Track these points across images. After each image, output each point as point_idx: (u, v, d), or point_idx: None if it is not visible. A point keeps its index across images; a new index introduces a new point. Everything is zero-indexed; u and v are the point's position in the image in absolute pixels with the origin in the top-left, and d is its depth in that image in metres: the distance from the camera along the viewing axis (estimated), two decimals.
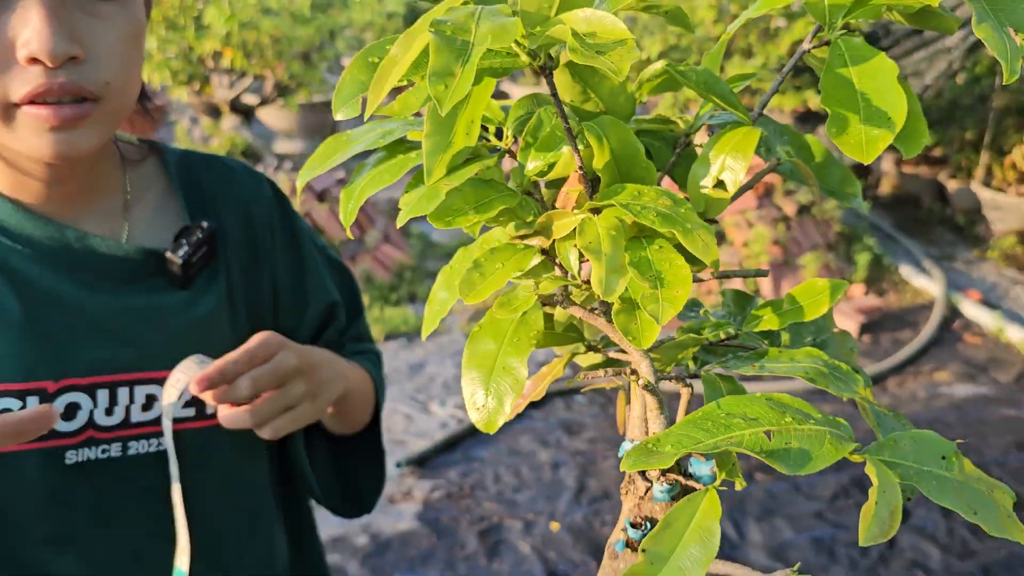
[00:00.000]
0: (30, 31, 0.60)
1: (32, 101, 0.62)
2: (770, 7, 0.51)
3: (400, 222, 0.44)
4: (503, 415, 0.47)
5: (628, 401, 0.54)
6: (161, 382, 0.73)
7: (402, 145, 0.49)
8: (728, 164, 0.47)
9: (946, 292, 4.38)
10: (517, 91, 8.57)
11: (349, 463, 0.90)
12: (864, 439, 0.47)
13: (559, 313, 0.51)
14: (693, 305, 0.60)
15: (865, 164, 0.43)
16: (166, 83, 4.17)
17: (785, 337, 0.55)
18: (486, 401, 0.47)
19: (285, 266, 0.86)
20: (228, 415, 0.69)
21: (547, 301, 0.51)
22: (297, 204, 3.74)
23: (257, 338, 0.71)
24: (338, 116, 0.45)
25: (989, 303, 4.35)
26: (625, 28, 0.40)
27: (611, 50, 0.40)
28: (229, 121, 4.45)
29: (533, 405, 3.26)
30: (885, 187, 6.71)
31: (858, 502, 2.67)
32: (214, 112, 4.81)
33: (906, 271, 4.76)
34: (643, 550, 0.39)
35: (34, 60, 0.61)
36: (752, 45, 4.28)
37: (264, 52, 4.11)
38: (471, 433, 3.03)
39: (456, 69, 0.37)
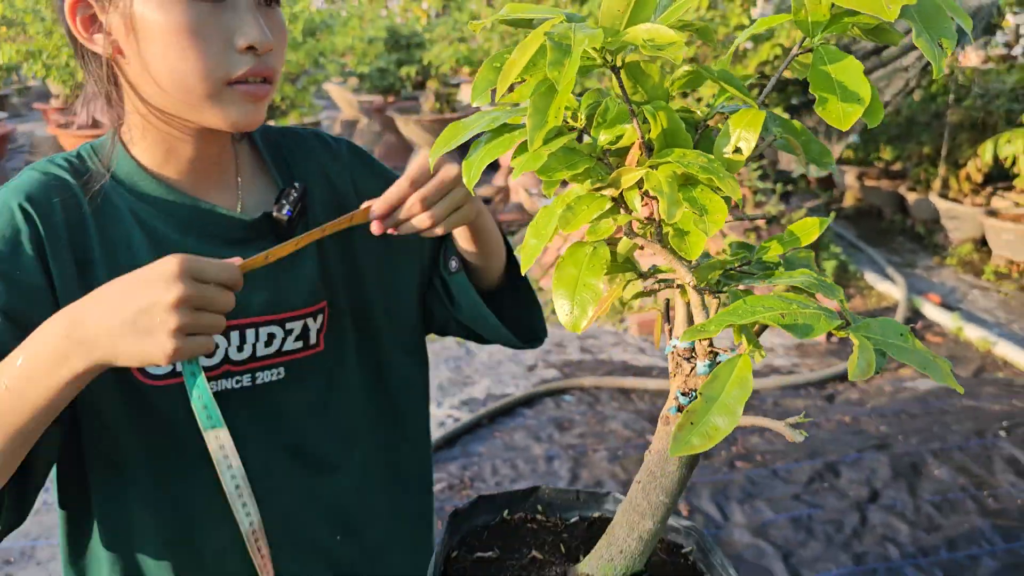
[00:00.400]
0: (247, 26, 0.79)
1: (238, 81, 0.80)
2: (766, 25, 0.69)
3: (514, 177, 0.62)
4: (585, 318, 0.64)
5: (667, 319, 0.72)
6: (278, 323, 0.90)
7: (505, 128, 0.66)
8: (743, 136, 0.65)
9: (908, 296, 4.63)
10: None
11: (511, 308, 1.06)
12: (830, 443, 0.65)
13: (621, 246, 0.69)
14: (705, 254, 0.78)
15: (843, 130, 0.61)
16: None
17: (781, 270, 0.73)
18: (572, 309, 0.64)
19: None
20: (408, 225, 0.86)
21: (611, 242, 0.68)
22: None
23: (416, 163, 0.86)
24: (475, 103, 0.62)
25: (948, 306, 4.60)
26: (674, 34, 0.58)
27: (665, 50, 0.58)
28: None
29: (525, 404, 3.43)
30: (849, 200, 6.99)
31: (831, 485, 2.86)
32: None
33: (871, 277, 5.01)
34: (700, 393, 0.56)
35: (249, 48, 0.80)
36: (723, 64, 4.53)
37: None
38: (468, 430, 3.19)
39: (565, 61, 0.55)
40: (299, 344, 0.93)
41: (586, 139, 0.67)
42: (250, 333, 0.89)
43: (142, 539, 0.88)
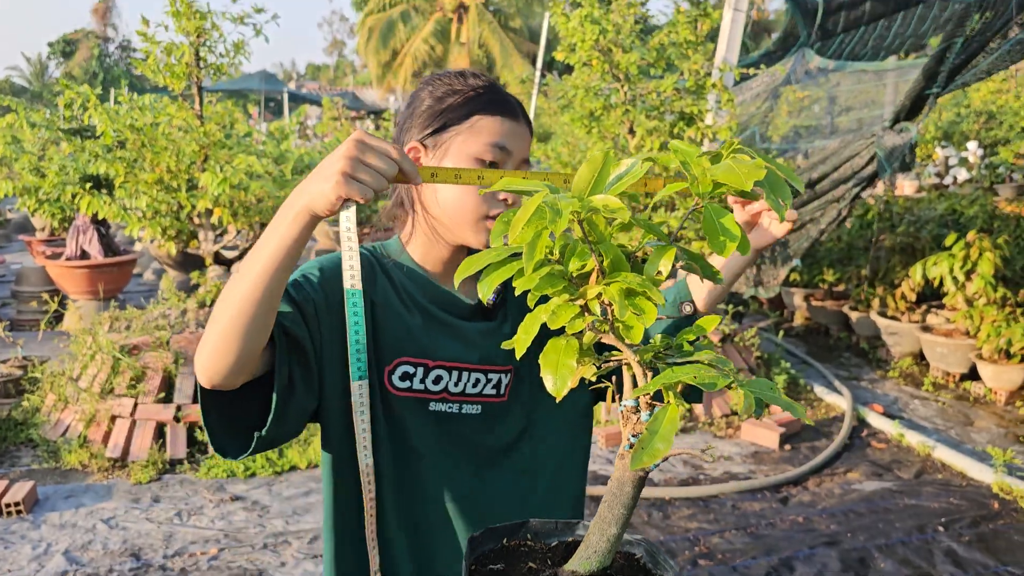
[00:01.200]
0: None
1: (491, 217, 1.18)
2: (673, 190, 1.04)
3: (517, 292, 0.94)
4: (565, 388, 0.95)
5: (618, 392, 1.03)
6: (483, 372, 1.26)
7: (509, 259, 0.99)
8: (662, 263, 0.98)
9: (854, 407, 4.98)
10: None
11: None
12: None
13: (586, 339, 1.00)
14: (644, 340, 1.10)
15: (724, 257, 0.95)
16: (156, 238, 4.66)
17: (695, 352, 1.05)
18: (555, 382, 0.95)
19: None
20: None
21: (578, 335, 1.00)
22: None
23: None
24: (493, 244, 0.95)
25: (891, 414, 4.95)
26: (621, 203, 0.92)
27: (615, 213, 0.91)
28: (213, 271, 4.94)
29: None
30: (798, 319, 7.44)
31: None
32: (190, 264, 5.24)
33: (820, 390, 5.36)
34: (647, 429, 0.87)
35: (504, 199, 1.20)
36: (674, 199, 5.01)
37: (248, 210, 4.66)
38: None
39: (557, 219, 0.88)
40: (493, 391, 1.29)
41: (559, 267, 1.00)
42: (465, 375, 1.27)
43: (389, 520, 1.24)
